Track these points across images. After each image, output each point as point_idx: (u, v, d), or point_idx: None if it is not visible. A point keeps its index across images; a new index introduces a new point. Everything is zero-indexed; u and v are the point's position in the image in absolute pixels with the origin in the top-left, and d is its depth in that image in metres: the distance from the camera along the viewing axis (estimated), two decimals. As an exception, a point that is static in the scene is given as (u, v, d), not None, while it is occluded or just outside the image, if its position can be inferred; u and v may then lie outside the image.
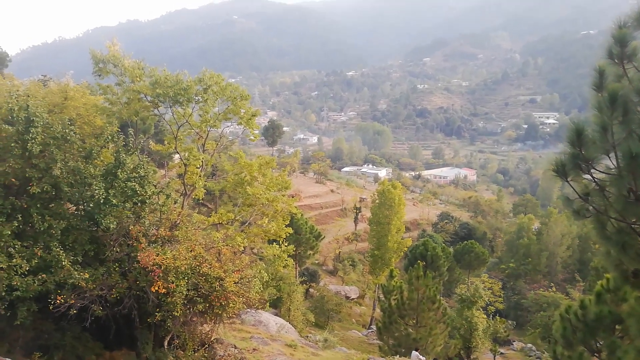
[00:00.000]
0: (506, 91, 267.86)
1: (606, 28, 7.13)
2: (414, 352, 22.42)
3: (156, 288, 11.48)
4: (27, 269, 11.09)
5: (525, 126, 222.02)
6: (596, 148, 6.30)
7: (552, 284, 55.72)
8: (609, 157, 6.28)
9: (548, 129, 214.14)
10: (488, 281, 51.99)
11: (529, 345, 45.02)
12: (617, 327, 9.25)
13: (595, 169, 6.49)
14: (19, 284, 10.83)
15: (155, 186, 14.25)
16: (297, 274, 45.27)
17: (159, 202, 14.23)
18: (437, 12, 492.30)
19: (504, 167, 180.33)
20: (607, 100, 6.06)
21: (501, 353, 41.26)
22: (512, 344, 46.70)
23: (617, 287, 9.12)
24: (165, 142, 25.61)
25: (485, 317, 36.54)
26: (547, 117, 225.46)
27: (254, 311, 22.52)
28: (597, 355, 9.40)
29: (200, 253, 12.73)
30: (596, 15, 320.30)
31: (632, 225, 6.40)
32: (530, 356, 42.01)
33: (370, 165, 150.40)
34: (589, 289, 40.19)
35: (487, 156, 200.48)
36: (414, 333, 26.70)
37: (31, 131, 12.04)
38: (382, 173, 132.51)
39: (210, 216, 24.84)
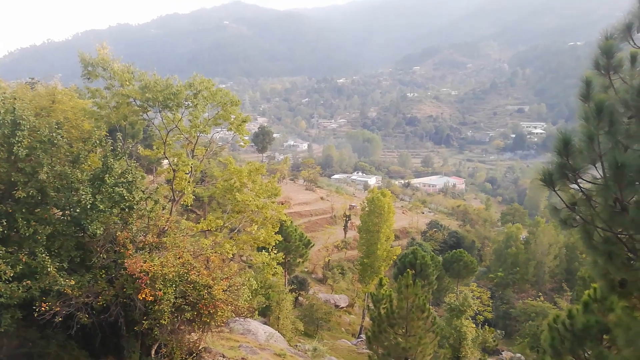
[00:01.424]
0: (494, 101, 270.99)
1: (593, 39, 7.23)
2: (402, 361, 22.37)
3: (143, 295, 11.33)
4: (12, 275, 10.87)
5: (513, 135, 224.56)
6: (583, 158, 6.36)
7: (540, 293, 56.08)
8: (596, 167, 6.34)
9: (535, 139, 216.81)
10: (477, 290, 52.27)
11: (518, 354, 45.12)
12: (604, 336, 9.30)
13: (582, 179, 6.55)
14: (3, 290, 10.60)
15: (143, 192, 14.12)
16: (286, 282, 45.08)
17: (147, 208, 14.09)
18: (428, 20, 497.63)
19: (492, 176, 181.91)
20: (593, 110, 6.13)
21: (490, 362, 41.34)
22: (501, 354, 46.78)
23: (604, 297, 9.18)
24: (154, 147, 25.46)
25: (474, 326, 36.64)
26: (535, 127, 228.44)
27: (242, 320, 22.35)
28: (584, 364, 9.43)
29: (188, 260, 12.60)
30: (584, 27, 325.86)
31: (618, 235, 6.46)
32: (518, 365, 42.13)
33: (360, 173, 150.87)
34: (577, 298, 40.56)
35: (476, 165, 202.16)
36: (404, 342, 26.61)
37: (17, 134, 11.87)
38: (372, 181, 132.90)
39: (199, 223, 24.65)
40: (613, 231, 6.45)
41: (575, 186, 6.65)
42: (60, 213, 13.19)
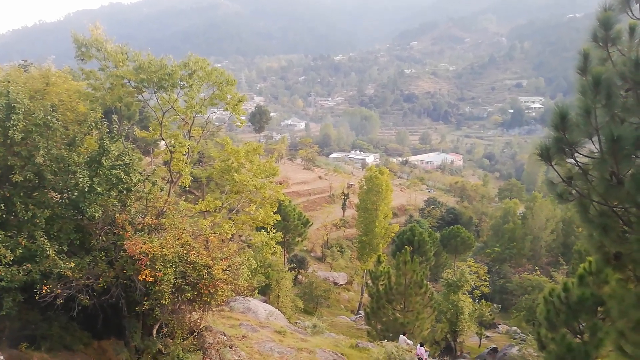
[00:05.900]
0: (493, 75, 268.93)
1: (592, 11, 7.12)
2: (401, 336, 22.73)
3: (143, 277, 11.41)
4: (12, 258, 10.91)
5: (511, 111, 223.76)
6: (580, 132, 6.34)
7: (537, 268, 56.71)
8: (592, 141, 6.33)
9: (534, 114, 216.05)
10: (474, 265, 52.82)
11: (514, 328, 45.87)
12: (599, 309, 9.43)
13: (579, 153, 6.54)
14: (3, 274, 10.66)
15: (140, 174, 14.07)
16: (286, 260, 45.44)
17: (145, 190, 14.07)
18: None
19: (490, 151, 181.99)
20: (591, 83, 6.08)
21: (487, 336, 42.05)
22: (498, 327, 47.56)
23: (599, 270, 9.27)
24: (150, 129, 25.29)
25: (471, 301, 37.15)
26: (533, 102, 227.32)
27: (242, 298, 22.61)
28: (579, 336, 9.58)
29: (187, 241, 12.65)
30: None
31: (614, 209, 6.49)
32: (515, 339, 42.77)
33: (358, 151, 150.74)
34: (572, 271, 40.96)
35: (474, 141, 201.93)
36: (402, 318, 27.05)
37: (12, 118, 11.76)
38: (370, 159, 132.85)
39: (197, 204, 24.68)
40: (609, 204, 6.47)
41: (572, 160, 6.64)
42: (59, 196, 13.18)
